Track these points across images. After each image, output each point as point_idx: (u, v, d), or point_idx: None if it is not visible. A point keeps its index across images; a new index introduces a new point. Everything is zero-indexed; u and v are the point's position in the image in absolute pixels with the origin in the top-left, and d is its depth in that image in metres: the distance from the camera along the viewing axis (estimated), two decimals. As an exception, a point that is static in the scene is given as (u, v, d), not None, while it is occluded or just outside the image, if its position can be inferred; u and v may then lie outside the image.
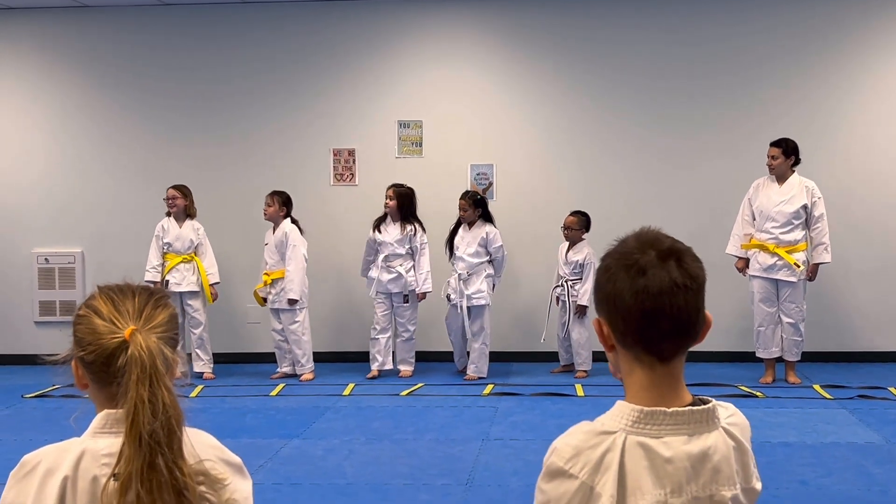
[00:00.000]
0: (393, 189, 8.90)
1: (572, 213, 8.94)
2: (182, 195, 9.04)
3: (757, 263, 8.30)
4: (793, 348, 8.40)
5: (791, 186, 8.27)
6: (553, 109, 9.64)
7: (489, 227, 8.87)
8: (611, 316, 1.73)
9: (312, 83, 9.73)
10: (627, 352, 1.74)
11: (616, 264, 1.73)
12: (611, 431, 1.70)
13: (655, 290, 1.68)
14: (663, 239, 1.75)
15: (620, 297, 1.70)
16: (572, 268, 8.84)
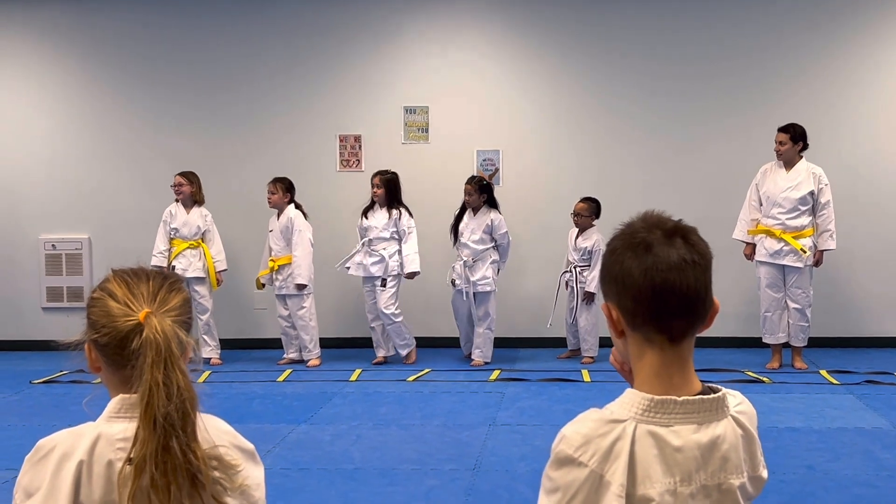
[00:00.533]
0: (379, 177, 8.89)
1: (583, 200, 8.92)
2: (188, 182, 9.05)
3: (763, 249, 8.29)
4: (799, 334, 8.39)
5: (798, 172, 8.25)
6: (560, 95, 9.62)
7: (494, 213, 8.86)
8: (620, 297, 1.73)
9: (318, 69, 9.71)
10: (637, 334, 1.74)
11: (622, 245, 1.73)
12: (621, 420, 1.70)
13: (664, 266, 1.68)
14: (668, 219, 1.76)
15: (629, 275, 1.70)
16: (581, 254, 8.83)
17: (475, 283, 8.79)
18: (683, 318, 1.72)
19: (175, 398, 1.78)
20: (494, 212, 8.87)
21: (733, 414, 1.74)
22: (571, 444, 1.69)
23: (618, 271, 1.72)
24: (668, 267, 1.69)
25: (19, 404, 7.59)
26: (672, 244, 1.70)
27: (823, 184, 8.23)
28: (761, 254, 8.31)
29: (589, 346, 8.85)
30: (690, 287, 1.70)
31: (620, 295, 1.73)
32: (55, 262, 9.95)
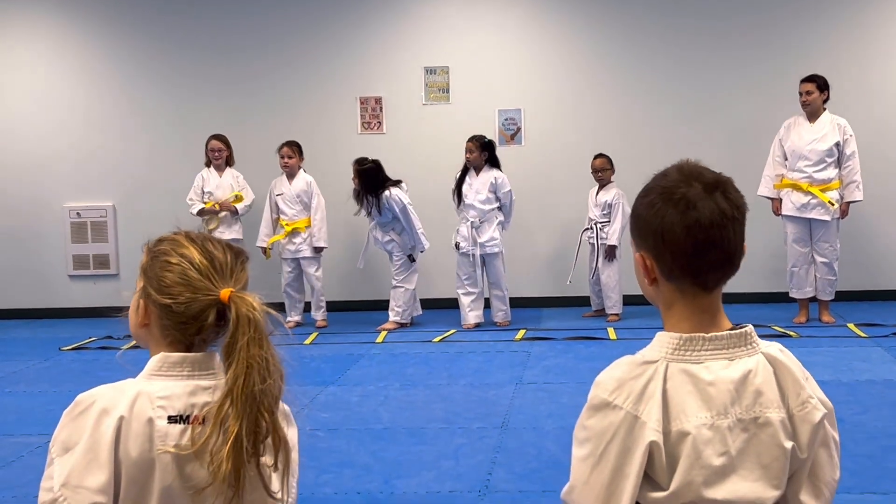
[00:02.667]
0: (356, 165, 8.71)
1: (598, 156, 8.88)
2: (225, 146, 9.15)
3: (790, 203, 8.24)
4: (826, 287, 8.36)
5: (823, 124, 8.17)
6: (581, 53, 9.55)
7: (496, 171, 8.78)
8: (658, 250, 1.72)
9: (338, 31, 9.68)
10: (671, 284, 1.75)
11: (662, 198, 1.72)
12: (652, 361, 1.71)
13: (707, 223, 1.69)
14: (705, 171, 1.75)
15: (670, 231, 1.69)
16: (602, 209, 8.81)
17: (483, 244, 8.75)
18: (720, 270, 1.74)
19: (273, 375, 1.81)
20: (496, 170, 8.79)
21: (764, 351, 1.75)
22: (606, 388, 1.70)
23: (658, 225, 1.71)
24: (710, 224, 1.69)
25: (49, 371, 7.67)
26: (713, 199, 1.70)
27: (849, 134, 8.15)
28: (788, 208, 8.26)
29: (613, 304, 8.85)
30: (730, 242, 1.72)
31: (659, 248, 1.73)
32: (80, 230, 10.01)
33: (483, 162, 8.75)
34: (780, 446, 1.70)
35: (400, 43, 9.68)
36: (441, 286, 9.62)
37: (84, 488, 1.76)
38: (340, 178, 9.25)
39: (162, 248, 1.93)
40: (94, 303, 9.69)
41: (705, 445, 1.66)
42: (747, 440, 1.69)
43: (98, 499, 1.76)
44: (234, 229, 9.17)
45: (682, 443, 1.66)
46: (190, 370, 1.86)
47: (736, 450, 1.68)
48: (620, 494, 1.65)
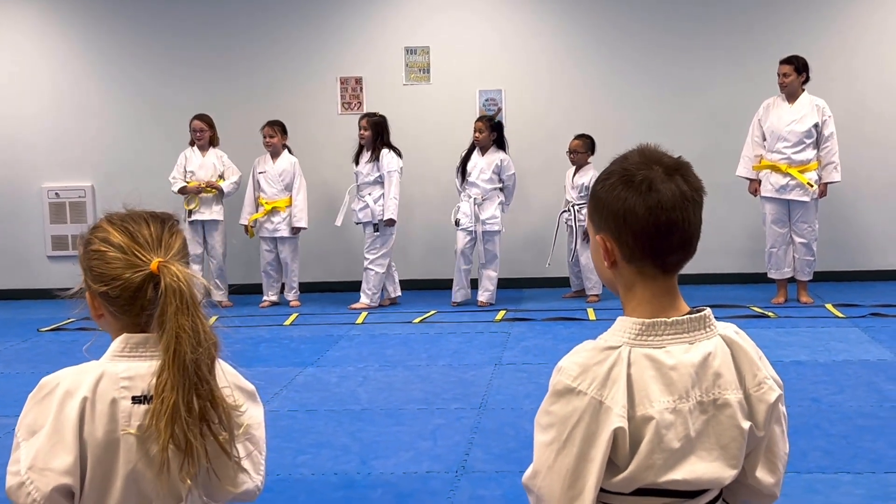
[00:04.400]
0: (366, 119, 8.83)
1: (577, 137, 8.89)
2: (208, 126, 9.09)
3: (769, 184, 8.25)
4: (805, 268, 8.38)
5: (802, 105, 8.18)
6: (561, 33, 9.53)
7: (502, 153, 8.83)
8: (620, 232, 1.73)
9: (319, 11, 9.62)
10: (631, 266, 1.76)
11: (623, 181, 1.73)
12: (615, 346, 1.72)
13: (668, 205, 1.70)
14: (665, 155, 1.77)
15: (632, 212, 1.70)
16: (579, 191, 8.81)
17: (484, 221, 8.77)
18: (680, 252, 1.75)
19: (204, 343, 1.79)
20: (502, 152, 8.84)
21: (721, 333, 1.77)
22: (569, 374, 1.70)
23: (618, 207, 1.72)
24: (671, 206, 1.70)
25: (28, 352, 7.63)
26: (673, 181, 1.72)
27: (827, 115, 8.17)
28: (767, 189, 8.27)
29: (593, 285, 8.86)
30: (691, 224, 1.73)
31: (620, 230, 1.73)
32: (59, 210, 9.95)
33: (491, 142, 8.79)
34: (738, 427, 1.72)
35: (380, 23, 9.63)
36: (421, 266, 9.62)
37: (50, 470, 1.75)
38: (320, 158, 9.25)
39: (87, 237, 1.92)
40: (73, 284, 9.56)
41: (667, 429, 1.67)
42: (706, 421, 1.71)
43: (64, 480, 1.76)
44: (215, 210, 9.14)
45: (645, 427, 1.66)
46: (153, 350, 1.83)
47: (695, 431, 1.70)
48: (586, 479, 1.66)
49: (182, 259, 1.88)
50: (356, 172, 8.94)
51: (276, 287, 9.24)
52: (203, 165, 9.11)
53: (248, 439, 1.90)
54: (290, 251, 9.13)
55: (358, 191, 8.94)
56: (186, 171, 9.10)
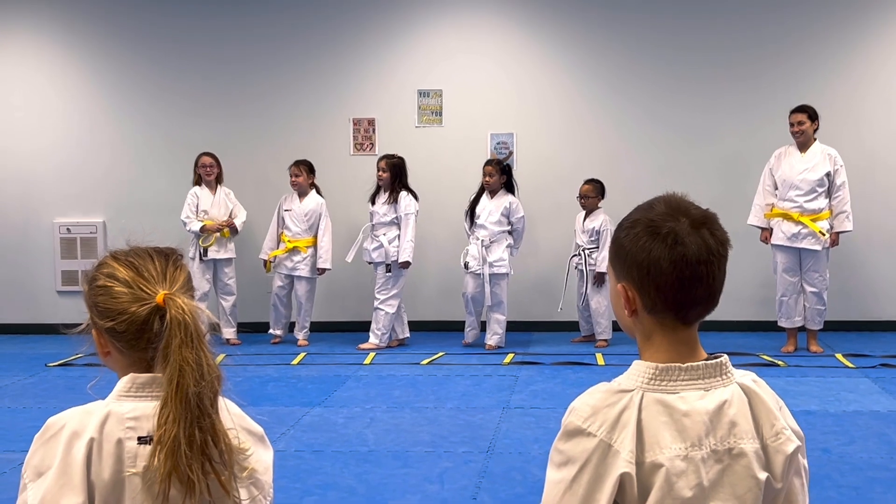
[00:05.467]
0: (385, 160, 8.89)
1: (587, 182, 8.91)
2: (216, 163, 9.13)
3: (781, 233, 8.24)
4: (815, 317, 8.36)
5: (814, 154, 8.20)
6: (573, 79, 9.58)
7: (511, 196, 8.85)
8: (642, 283, 1.72)
9: (332, 52, 9.69)
10: (652, 317, 1.74)
11: (648, 232, 1.71)
12: (628, 390, 1.70)
13: (694, 259, 1.69)
14: (692, 205, 1.75)
15: (656, 265, 1.69)
16: (589, 236, 8.82)
17: (491, 264, 8.78)
18: (703, 305, 1.74)
19: (207, 376, 1.78)
20: (511, 195, 8.87)
21: (738, 381, 1.75)
22: (580, 415, 1.69)
23: (643, 259, 1.71)
24: (697, 260, 1.69)
25: (35, 387, 7.62)
26: (700, 234, 1.70)
27: (839, 165, 8.18)
28: (778, 237, 8.27)
29: (602, 329, 8.84)
30: (715, 278, 1.72)
31: (643, 281, 1.72)
32: (70, 245, 9.99)
33: (500, 185, 8.82)
34: (754, 477, 1.69)
35: (394, 65, 9.70)
36: (430, 307, 9.62)
37: None
38: (332, 198, 9.27)
39: (93, 274, 1.91)
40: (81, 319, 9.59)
41: (678, 477, 1.65)
42: (721, 471, 1.69)
43: None
44: (228, 248, 9.17)
45: (654, 474, 1.64)
46: (159, 390, 1.81)
47: (709, 481, 1.67)
48: None
49: (187, 293, 1.88)
50: (371, 212, 8.96)
51: (283, 323, 9.25)
52: (215, 203, 9.15)
53: (252, 483, 1.87)
54: (306, 291, 9.13)
55: (372, 230, 8.95)
56: (199, 210, 9.13)
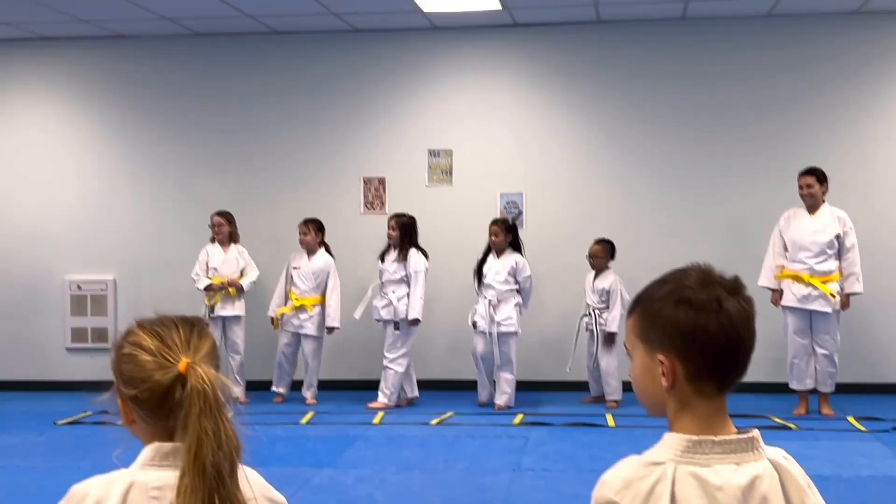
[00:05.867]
0: (395, 219, 8.94)
1: (597, 242, 8.93)
2: (227, 222, 9.20)
3: (791, 294, 8.24)
4: (827, 380, 8.31)
5: (823, 216, 8.22)
6: (582, 139, 9.65)
7: (518, 255, 8.88)
8: (687, 351, 1.73)
9: (343, 112, 9.79)
10: (691, 385, 1.75)
11: (689, 300, 1.73)
12: (660, 462, 1.71)
13: (739, 323, 1.73)
14: (721, 273, 1.79)
15: (704, 330, 1.71)
16: (599, 296, 8.82)
17: (499, 323, 8.78)
18: (741, 371, 1.77)
19: (224, 446, 1.78)
20: (518, 254, 8.89)
21: (769, 457, 1.76)
22: (612, 488, 1.69)
23: (689, 326, 1.72)
24: (741, 324, 1.73)
25: (43, 445, 7.61)
26: (737, 301, 1.75)
27: (848, 227, 8.20)
28: (789, 299, 8.26)
29: (612, 390, 8.80)
30: (752, 342, 1.76)
31: (688, 348, 1.73)
32: (80, 303, 10.01)
33: (507, 244, 8.85)
34: None
35: (405, 125, 9.79)
36: (439, 366, 9.60)
37: None
38: (341, 255, 9.29)
39: (118, 342, 1.94)
40: (91, 376, 9.64)
41: None
42: None
43: None
44: (237, 305, 9.18)
45: None
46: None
47: None
48: None
49: (211, 362, 1.89)
50: (381, 269, 8.99)
51: (287, 381, 9.23)
52: (225, 261, 9.19)
53: None
54: (312, 350, 9.13)
55: (382, 288, 8.97)
56: (209, 267, 9.17)
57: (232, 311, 9.15)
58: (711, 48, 9.44)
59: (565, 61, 9.61)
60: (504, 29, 9.62)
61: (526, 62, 9.68)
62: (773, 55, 9.37)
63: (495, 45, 9.70)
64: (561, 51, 9.60)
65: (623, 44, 9.51)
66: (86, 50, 9.96)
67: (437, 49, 9.76)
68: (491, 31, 9.65)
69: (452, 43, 9.72)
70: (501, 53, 9.71)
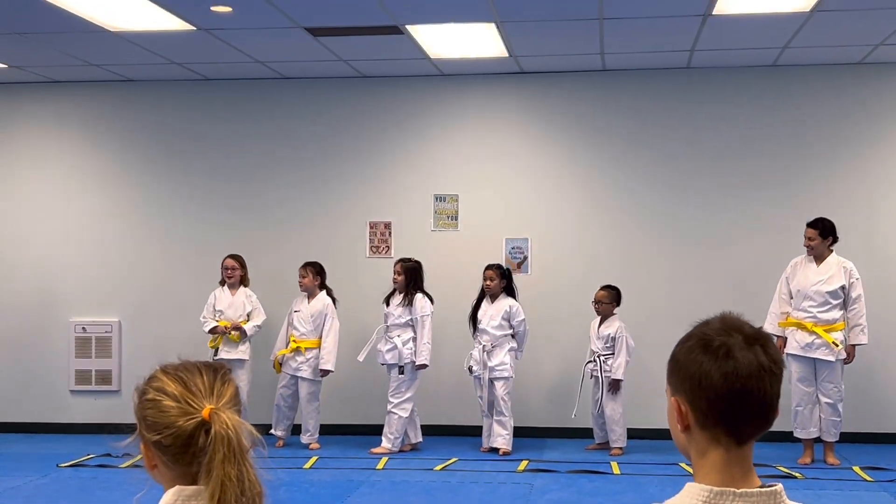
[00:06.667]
0: (400, 264, 9.01)
1: (602, 288, 8.97)
2: (240, 265, 9.29)
3: (795, 342, 8.27)
4: (831, 429, 8.32)
5: (829, 266, 8.27)
6: (587, 186, 9.71)
7: (511, 300, 8.93)
8: (694, 396, 1.75)
9: (350, 156, 9.88)
10: (705, 433, 1.76)
11: (701, 345, 1.76)
12: None
13: (745, 373, 1.72)
14: (746, 324, 1.79)
15: (708, 377, 1.72)
16: (604, 342, 8.85)
17: (493, 368, 8.80)
18: (754, 423, 1.76)
19: (248, 492, 1.82)
20: (511, 299, 8.94)
21: None
22: None
23: (694, 371, 1.74)
24: (748, 374, 1.72)
25: (46, 488, 7.61)
26: (752, 350, 1.74)
27: (854, 278, 8.24)
28: (792, 347, 8.29)
29: (617, 437, 8.80)
30: (766, 394, 1.74)
31: (695, 394, 1.75)
32: (85, 345, 10.04)
33: (501, 289, 8.89)
34: None
35: (410, 170, 9.87)
36: (444, 411, 9.60)
37: None
38: (347, 299, 9.34)
39: (142, 387, 1.97)
40: (94, 419, 9.67)
41: None
42: None
43: None
44: (240, 349, 9.21)
45: None
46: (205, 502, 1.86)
47: None
48: None
49: (234, 407, 1.93)
50: (386, 314, 9.03)
51: (286, 424, 9.24)
52: (232, 304, 9.24)
53: None
54: (307, 392, 9.12)
55: (387, 331, 9.01)
56: (216, 309, 9.22)
57: (235, 355, 9.17)
58: (717, 97, 9.54)
59: (571, 109, 9.71)
60: (510, 76, 9.73)
61: (532, 109, 9.78)
62: (778, 105, 9.48)
63: (501, 91, 9.80)
64: (566, 98, 9.70)
65: (629, 92, 9.62)
66: (95, 93, 10.07)
67: (444, 95, 9.87)
68: (497, 79, 9.76)
69: (459, 89, 9.84)
70: (507, 100, 9.81)
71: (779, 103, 9.48)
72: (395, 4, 7.27)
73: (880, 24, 7.91)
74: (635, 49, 8.79)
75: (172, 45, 8.51)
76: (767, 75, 9.47)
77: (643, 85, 9.59)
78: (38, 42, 8.29)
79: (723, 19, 7.70)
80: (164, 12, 7.41)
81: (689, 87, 9.57)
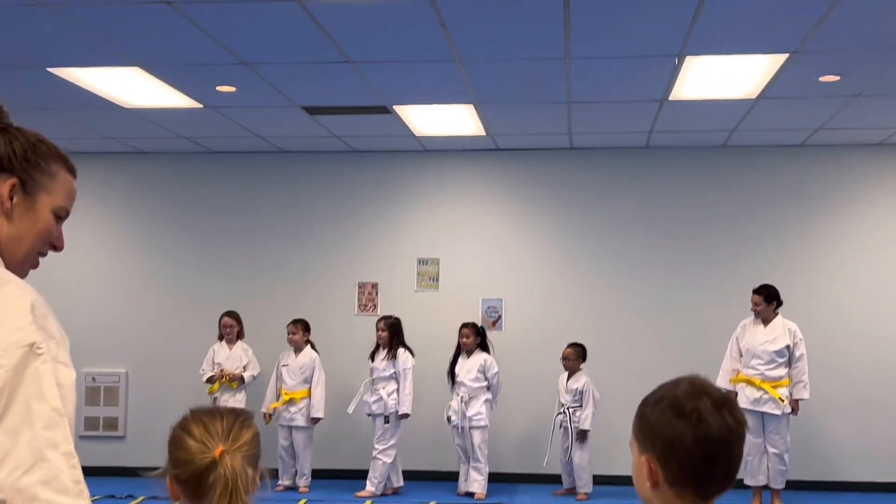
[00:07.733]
0: (384, 321, 9.01)
1: (569, 345, 8.98)
2: (236, 322, 9.27)
3: (745, 397, 8.28)
4: (778, 477, 8.31)
5: (775, 328, 8.32)
6: (557, 252, 9.77)
7: (486, 355, 8.93)
8: (666, 457, 1.70)
9: (341, 223, 9.92)
10: (673, 489, 1.72)
11: (673, 409, 1.71)
12: None
13: (717, 437, 1.68)
14: (712, 386, 1.75)
15: (681, 440, 1.68)
16: (572, 395, 8.84)
17: (470, 418, 8.77)
18: (721, 483, 1.73)
19: None
20: (486, 354, 8.94)
21: None
22: None
23: (668, 434, 1.69)
24: (720, 439, 1.68)
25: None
26: (721, 415, 1.70)
27: (798, 338, 8.29)
28: (742, 401, 8.28)
29: (584, 483, 8.76)
30: (734, 457, 1.72)
31: (667, 455, 1.70)
32: (94, 393, 9.93)
33: (476, 346, 8.89)
34: None
35: (396, 236, 9.91)
36: (424, 457, 9.53)
37: None
38: (336, 354, 9.33)
39: (174, 426, 2.03)
40: (98, 462, 9.53)
41: None
42: None
43: None
44: (237, 398, 9.15)
45: None
46: None
47: None
48: None
49: (249, 451, 1.96)
50: (372, 367, 9.00)
51: (291, 472, 9.14)
52: (230, 357, 9.20)
53: None
54: (303, 440, 9.08)
55: (372, 384, 8.97)
56: (214, 363, 9.19)
57: (233, 403, 9.10)
58: (672, 174, 9.66)
59: (542, 182, 9.80)
60: (487, 152, 9.83)
61: (506, 182, 9.87)
62: (727, 182, 9.60)
63: (479, 166, 9.89)
64: (538, 172, 9.80)
65: (594, 168, 9.73)
66: (109, 163, 10.08)
67: (428, 169, 9.94)
68: (475, 154, 9.86)
69: (440, 163, 9.92)
70: (484, 173, 9.90)
71: (728, 181, 9.61)
72: (385, 87, 7.36)
73: (819, 111, 8.06)
74: (600, 129, 8.90)
75: (181, 120, 8.57)
76: (718, 155, 9.61)
77: (607, 162, 9.71)
78: (58, 116, 8.32)
79: (678, 104, 7.82)
80: (174, 91, 7.47)
81: (647, 165, 9.69)
